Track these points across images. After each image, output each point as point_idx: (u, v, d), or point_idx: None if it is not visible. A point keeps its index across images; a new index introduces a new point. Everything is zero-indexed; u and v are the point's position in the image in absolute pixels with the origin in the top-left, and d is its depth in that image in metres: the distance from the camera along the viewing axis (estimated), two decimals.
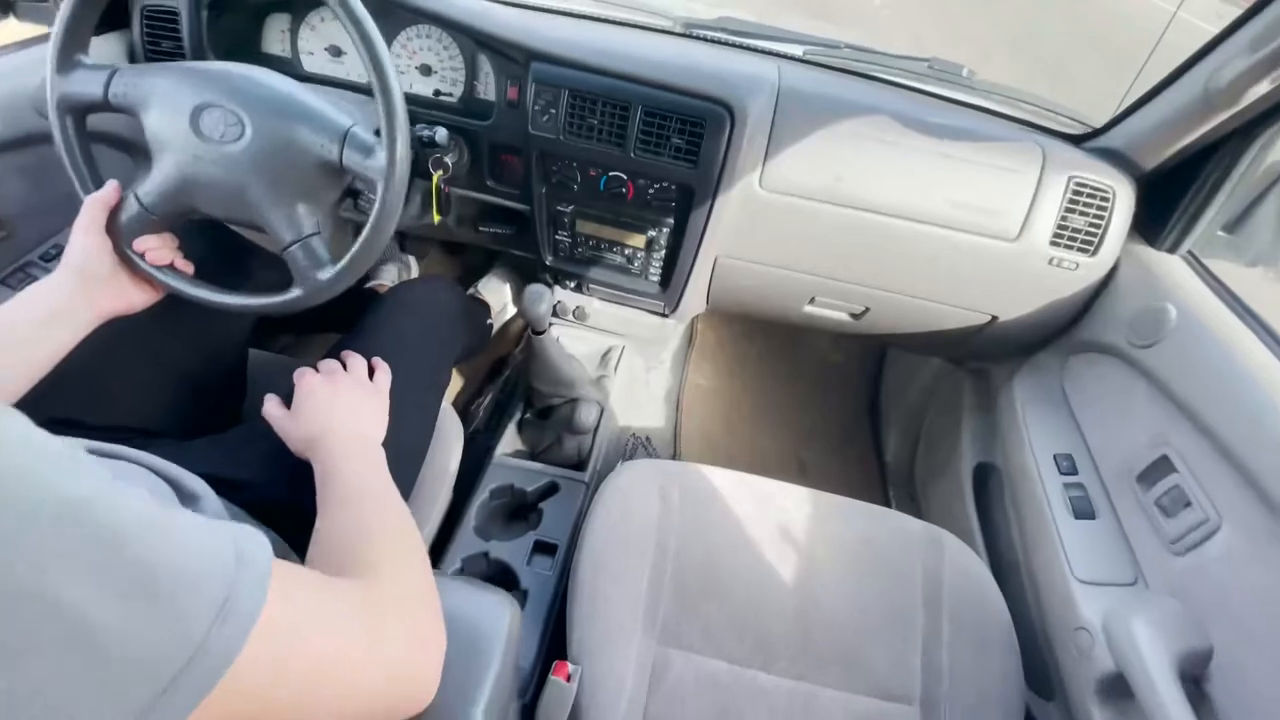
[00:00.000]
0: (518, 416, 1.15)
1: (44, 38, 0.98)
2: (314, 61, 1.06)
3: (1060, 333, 1.01)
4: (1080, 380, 0.98)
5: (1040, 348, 1.05)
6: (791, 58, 1.05)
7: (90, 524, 0.27)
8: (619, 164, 0.96)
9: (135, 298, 0.69)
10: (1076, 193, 0.89)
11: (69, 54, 0.66)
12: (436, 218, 1.03)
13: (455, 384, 1.43)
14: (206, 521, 0.33)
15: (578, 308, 1.24)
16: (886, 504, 1.39)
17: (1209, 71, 0.73)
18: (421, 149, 0.91)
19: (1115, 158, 0.91)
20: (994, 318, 1.00)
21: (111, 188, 0.67)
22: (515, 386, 1.32)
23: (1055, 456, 0.92)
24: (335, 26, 1.04)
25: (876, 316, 1.08)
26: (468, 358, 1.21)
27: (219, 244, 0.89)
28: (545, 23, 0.99)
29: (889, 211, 0.93)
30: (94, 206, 0.66)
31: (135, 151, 1.07)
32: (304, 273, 0.70)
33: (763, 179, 0.94)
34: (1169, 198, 0.88)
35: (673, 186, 0.96)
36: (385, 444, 0.68)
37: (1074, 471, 0.91)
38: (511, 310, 1.52)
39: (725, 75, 0.91)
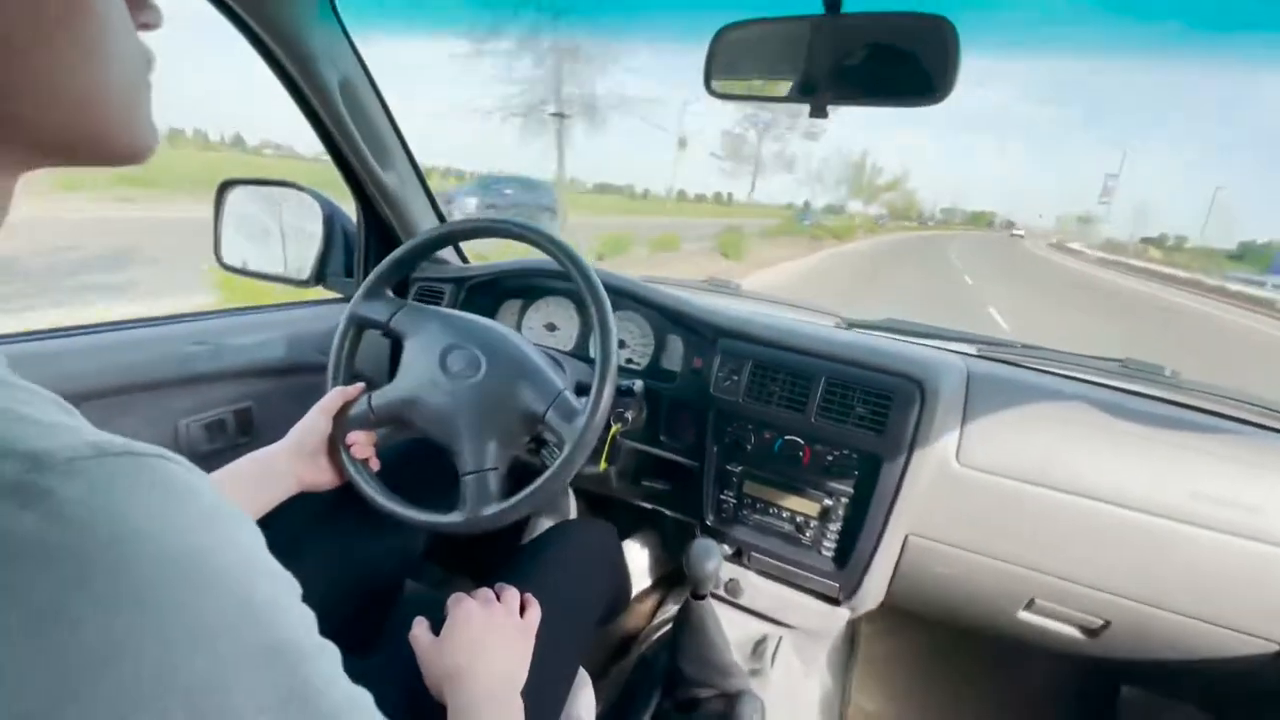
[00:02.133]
0: (653, 705, 0.97)
1: (335, 300, 1.29)
2: (532, 334, 1.27)
3: None
4: None
5: None
6: (965, 354, 1.08)
7: (299, 681, 0.25)
8: (797, 428, 0.96)
9: (327, 477, 0.76)
10: None
11: (380, 286, 0.86)
12: (604, 465, 1.06)
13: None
14: None
15: (731, 581, 1.13)
16: None
17: None
18: (618, 398, 0.99)
19: None
20: None
21: (358, 387, 0.81)
22: (651, 668, 1.14)
23: None
24: (555, 310, 1.26)
25: (1120, 635, 0.86)
26: (604, 622, 1.10)
27: (423, 465, 0.97)
28: (728, 304, 1.13)
29: (1116, 500, 0.81)
30: (337, 395, 0.79)
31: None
32: (471, 501, 0.74)
33: (960, 454, 0.88)
34: None
35: (854, 455, 0.93)
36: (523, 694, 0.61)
37: None
38: (647, 581, 1.42)
39: (911, 356, 0.95)
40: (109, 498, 0.22)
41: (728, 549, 1.09)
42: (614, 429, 1.07)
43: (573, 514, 1.51)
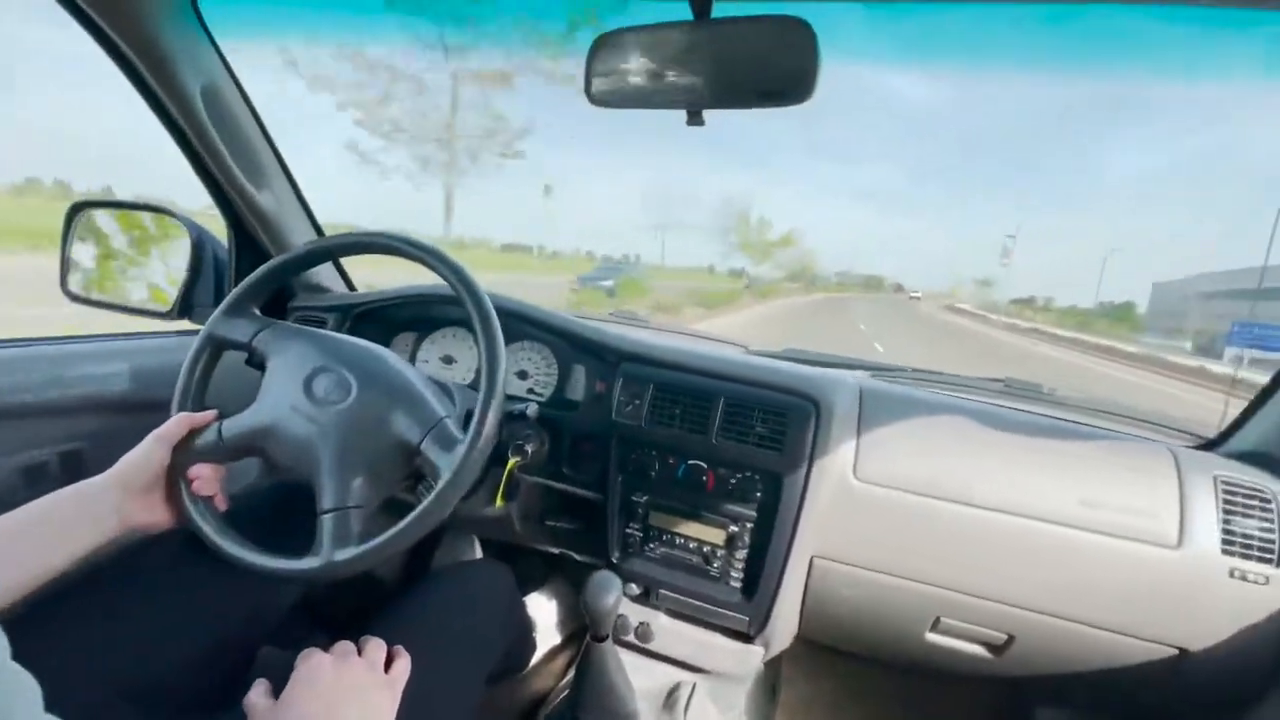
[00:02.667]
0: None
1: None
2: (427, 368, 1.19)
3: (1278, 670, 0.75)
4: None
5: (1254, 700, 0.77)
6: (859, 377, 1.10)
7: None
8: (700, 450, 0.93)
9: (160, 517, 0.66)
10: (1230, 494, 0.78)
11: (243, 304, 0.77)
12: (500, 502, 0.99)
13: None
14: None
15: (641, 625, 1.06)
16: None
17: None
18: (509, 424, 0.93)
19: (1258, 459, 0.82)
20: (1182, 651, 0.77)
21: (209, 414, 0.71)
22: None
23: None
24: (452, 343, 1.20)
25: (1026, 651, 0.85)
26: (500, 679, 0.99)
27: (289, 511, 0.87)
28: (634, 333, 1.11)
29: (1010, 509, 0.82)
30: (181, 422, 0.69)
31: None
32: (328, 544, 0.65)
33: (857, 469, 0.88)
34: None
35: (756, 476, 0.91)
36: None
37: None
38: (558, 638, 1.32)
39: (806, 375, 0.95)
40: None
41: (635, 588, 1.02)
42: (511, 463, 1.00)
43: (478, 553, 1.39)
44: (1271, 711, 0.76)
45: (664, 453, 0.96)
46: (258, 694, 0.55)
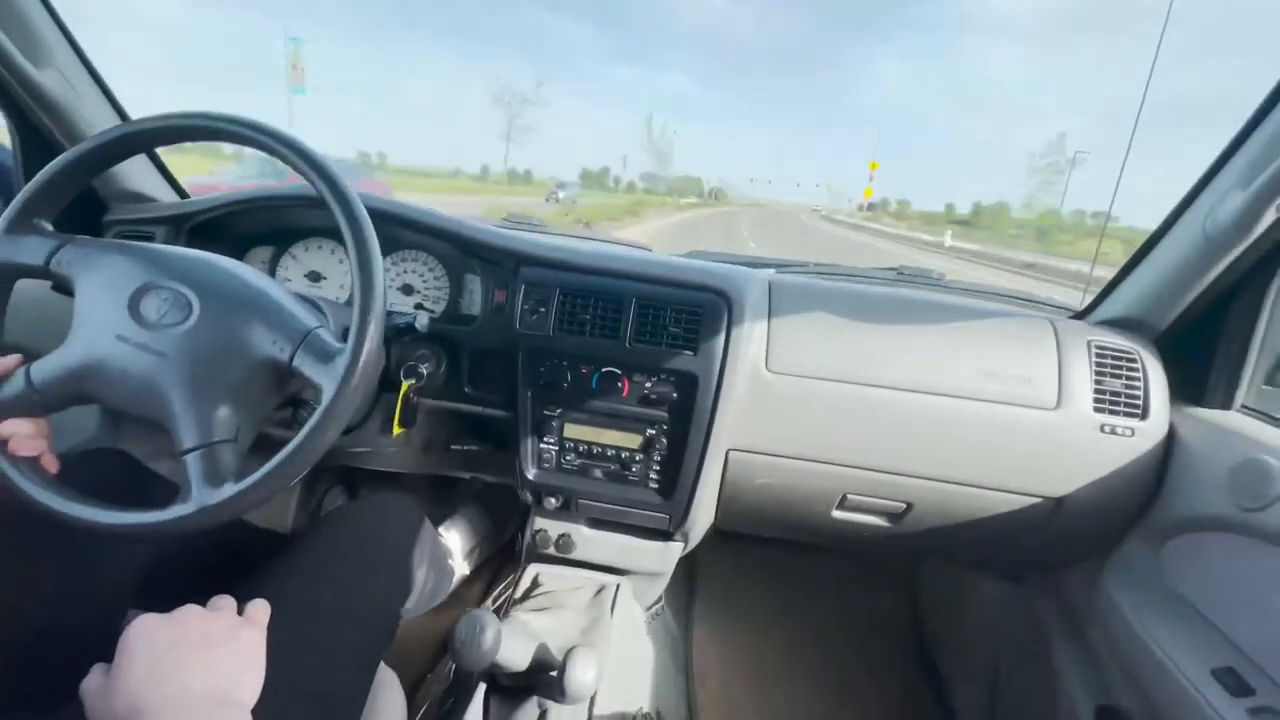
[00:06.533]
0: (480, 693, 0.85)
1: None
2: (292, 286, 1.03)
3: (1139, 514, 0.86)
4: (1194, 571, 0.80)
5: (1120, 539, 0.89)
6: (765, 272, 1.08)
7: None
8: (614, 357, 0.88)
9: None
10: (1101, 357, 0.84)
11: (28, 216, 0.60)
12: (397, 429, 0.90)
13: (401, 649, 1.11)
14: None
15: (562, 537, 1.04)
16: None
17: (1203, 215, 0.75)
18: (397, 340, 0.82)
19: (1124, 324, 0.90)
20: (1059, 501, 0.85)
21: (11, 359, 0.58)
22: None
23: (1214, 673, 0.69)
24: (317, 257, 1.04)
25: (921, 515, 0.91)
26: (421, 610, 0.94)
27: (108, 461, 0.74)
28: (533, 237, 1.01)
29: (913, 387, 0.85)
30: None
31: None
32: (197, 485, 0.55)
33: (769, 361, 0.87)
34: (1201, 354, 0.84)
35: (671, 378, 0.88)
36: (283, 703, 0.47)
37: (1249, 689, 0.67)
38: (468, 568, 1.28)
39: (714, 270, 0.91)
40: None
41: (554, 501, 0.99)
42: (405, 385, 0.90)
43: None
44: (1133, 546, 0.87)
45: (575, 362, 0.90)
46: (93, 677, 0.46)
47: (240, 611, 0.53)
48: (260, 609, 0.54)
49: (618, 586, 1.04)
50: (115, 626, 0.65)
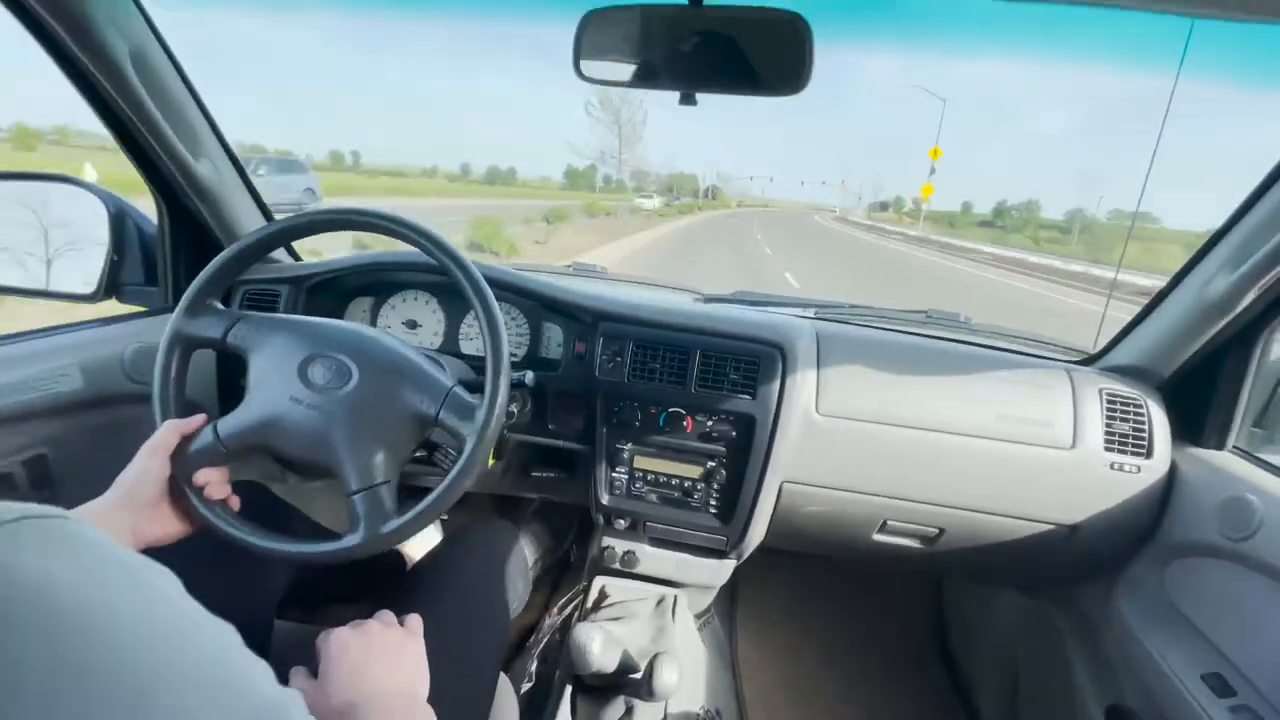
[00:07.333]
0: (566, 695, 0.98)
1: (134, 315, 1.08)
2: (392, 332, 1.18)
3: (1144, 539, 0.98)
4: (1191, 590, 0.92)
5: (1128, 560, 1.01)
6: (807, 316, 1.21)
7: None
8: (680, 400, 1.02)
9: (174, 528, 0.66)
10: (1111, 403, 0.96)
11: (203, 298, 0.74)
12: (492, 461, 1.04)
13: None
14: None
15: (628, 553, 1.17)
16: None
17: (1201, 283, 0.87)
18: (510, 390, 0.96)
19: (1131, 372, 1.02)
20: (1073, 528, 0.98)
21: (199, 419, 0.70)
22: (557, 662, 1.15)
23: (1203, 678, 0.81)
24: (413, 306, 1.18)
25: (952, 539, 1.04)
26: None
27: (258, 498, 0.87)
28: (598, 288, 1.15)
29: (945, 429, 0.97)
30: (170, 431, 0.67)
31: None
32: (366, 521, 0.67)
33: (819, 405, 1.00)
34: (1198, 400, 0.96)
35: (730, 417, 1.01)
36: (433, 703, 0.58)
37: (1231, 691, 0.79)
38: (532, 575, 1.42)
39: (769, 324, 1.04)
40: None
41: (623, 523, 1.12)
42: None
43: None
44: (1139, 567, 0.99)
45: (646, 404, 1.03)
46: (299, 677, 0.57)
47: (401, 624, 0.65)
48: (416, 622, 0.66)
49: (675, 597, 1.18)
50: (264, 630, 0.79)
